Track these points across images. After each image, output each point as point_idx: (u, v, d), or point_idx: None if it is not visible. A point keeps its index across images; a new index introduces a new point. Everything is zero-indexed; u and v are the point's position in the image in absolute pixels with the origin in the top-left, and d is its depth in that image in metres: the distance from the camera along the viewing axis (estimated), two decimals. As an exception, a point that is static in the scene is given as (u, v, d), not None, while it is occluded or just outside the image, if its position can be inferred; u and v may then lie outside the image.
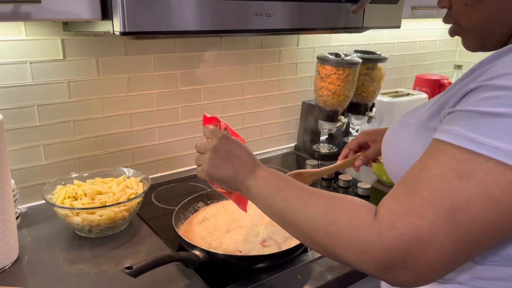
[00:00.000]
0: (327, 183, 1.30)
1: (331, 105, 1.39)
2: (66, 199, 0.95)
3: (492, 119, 0.44)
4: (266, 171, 0.65)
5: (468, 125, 0.46)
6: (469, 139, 0.45)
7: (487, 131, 0.44)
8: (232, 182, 0.66)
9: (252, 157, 0.68)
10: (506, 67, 0.46)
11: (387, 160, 0.68)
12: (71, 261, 0.89)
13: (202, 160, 0.68)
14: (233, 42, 1.33)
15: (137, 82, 1.19)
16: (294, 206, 0.57)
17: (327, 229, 0.52)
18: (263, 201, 0.62)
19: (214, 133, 0.70)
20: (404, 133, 0.64)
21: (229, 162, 0.66)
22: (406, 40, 1.84)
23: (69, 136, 1.13)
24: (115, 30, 0.74)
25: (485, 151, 0.44)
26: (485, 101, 0.46)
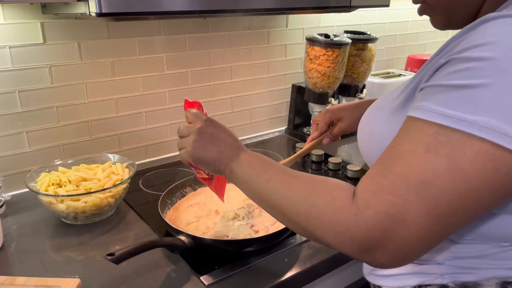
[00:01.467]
0: (317, 166, 1.29)
1: (321, 87, 1.37)
2: (50, 186, 0.93)
3: (460, 91, 0.44)
4: (250, 154, 0.65)
5: (437, 99, 0.46)
6: (437, 113, 0.45)
7: (455, 104, 0.44)
8: (216, 164, 0.65)
9: (236, 141, 0.67)
10: (474, 40, 0.45)
11: (363, 146, 0.67)
12: (57, 248, 0.88)
13: (185, 143, 0.68)
14: (220, 24, 1.30)
15: (122, 66, 1.17)
16: (276, 188, 0.57)
17: (307, 211, 0.52)
18: (246, 183, 0.62)
19: (198, 116, 0.69)
20: (377, 117, 0.63)
21: (214, 144, 0.65)
22: (398, 20, 1.81)
23: (52, 122, 1.10)
24: (91, 11, 0.72)
25: (452, 124, 0.43)
26: (454, 74, 0.45)
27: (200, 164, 0.67)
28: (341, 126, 0.97)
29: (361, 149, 0.69)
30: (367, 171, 0.51)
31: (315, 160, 1.30)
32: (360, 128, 0.69)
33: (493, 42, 0.43)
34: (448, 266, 0.57)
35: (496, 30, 0.44)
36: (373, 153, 0.63)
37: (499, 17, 0.45)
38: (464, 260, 0.56)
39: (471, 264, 0.56)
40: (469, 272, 0.56)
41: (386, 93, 0.68)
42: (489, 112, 0.42)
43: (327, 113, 0.98)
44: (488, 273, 0.55)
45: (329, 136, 0.98)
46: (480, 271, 0.56)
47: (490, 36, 0.44)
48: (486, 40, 0.44)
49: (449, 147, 0.43)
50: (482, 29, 0.46)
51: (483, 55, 0.43)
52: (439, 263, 0.57)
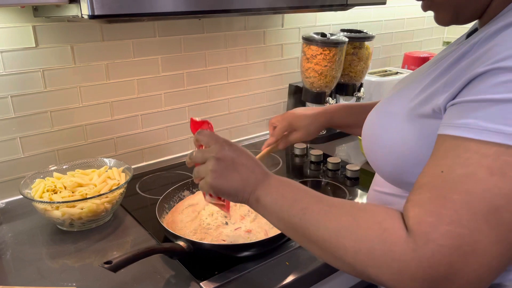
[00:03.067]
0: (316, 166, 1.28)
1: (318, 86, 1.36)
2: (45, 192, 0.92)
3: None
4: (277, 179, 0.59)
5: (487, 115, 0.42)
6: (493, 131, 0.41)
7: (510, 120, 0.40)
8: (240, 194, 0.58)
9: (259, 165, 0.61)
10: (508, 48, 0.42)
11: (371, 153, 0.64)
12: (54, 255, 0.86)
13: (203, 172, 0.60)
14: (215, 24, 1.28)
15: (116, 68, 1.15)
16: (314, 220, 0.51)
17: (356, 246, 0.46)
18: (276, 214, 0.56)
19: (213, 139, 0.61)
20: (388, 123, 0.59)
21: (236, 172, 0.58)
22: (394, 18, 1.80)
23: (46, 127, 1.09)
24: (83, 14, 0.70)
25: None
26: (501, 87, 0.41)
27: (222, 195, 0.60)
28: (296, 136, 0.94)
29: (368, 156, 0.66)
30: (411, 197, 0.46)
31: (313, 160, 1.29)
32: (366, 133, 0.66)
33: None
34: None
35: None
36: (382, 160, 0.60)
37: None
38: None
39: None
40: None
41: (390, 97, 0.65)
42: None
43: (284, 120, 0.94)
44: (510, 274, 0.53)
45: (284, 141, 0.95)
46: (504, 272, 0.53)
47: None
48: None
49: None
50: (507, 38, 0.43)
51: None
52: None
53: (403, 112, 0.57)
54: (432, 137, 0.52)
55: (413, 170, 0.57)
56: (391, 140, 0.58)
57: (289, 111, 0.97)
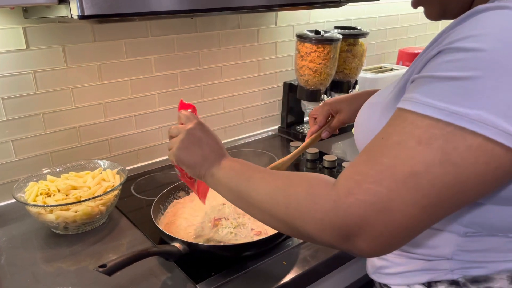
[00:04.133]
0: (312, 164, 1.27)
1: (313, 84, 1.35)
2: (39, 196, 0.91)
3: (450, 83, 0.43)
4: (232, 159, 0.66)
5: (427, 91, 0.45)
6: (428, 105, 0.44)
7: (446, 96, 0.43)
8: (197, 168, 0.66)
9: (222, 148, 0.68)
10: (466, 31, 0.44)
11: (360, 143, 0.66)
12: (48, 259, 0.86)
13: (173, 142, 0.68)
14: (208, 23, 1.27)
15: (109, 69, 1.14)
16: (256, 185, 0.57)
17: (286, 201, 0.52)
18: (226, 186, 0.62)
19: (190, 118, 0.70)
20: (372, 113, 0.62)
21: (200, 148, 0.66)
22: (388, 14, 1.80)
23: (39, 129, 1.07)
24: (72, 14, 0.69)
25: (445, 117, 0.42)
26: (444, 65, 0.44)
27: (182, 165, 0.68)
28: (339, 118, 0.95)
29: (358, 146, 0.67)
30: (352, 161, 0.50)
31: (310, 158, 1.28)
32: (356, 124, 0.68)
33: (484, 33, 0.43)
34: (457, 261, 0.56)
35: (487, 21, 0.44)
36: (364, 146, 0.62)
37: (490, 9, 0.45)
38: (473, 253, 0.55)
39: (480, 258, 0.55)
40: (479, 266, 0.55)
41: (381, 89, 0.66)
42: (480, 105, 0.41)
43: (325, 106, 0.96)
44: (498, 266, 0.54)
45: (328, 129, 0.97)
46: (491, 264, 0.55)
47: (481, 27, 0.43)
48: (477, 32, 0.43)
49: (442, 141, 0.43)
50: (474, 21, 0.45)
51: (474, 46, 0.43)
52: (448, 258, 0.56)
53: (385, 102, 0.59)
54: None
55: None
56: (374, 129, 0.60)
57: (326, 100, 0.98)
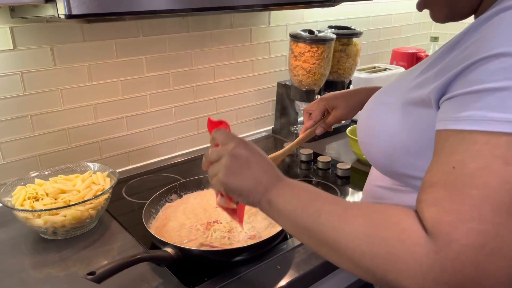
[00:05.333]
0: (306, 166, 1.26)
1: (307, 84, 1.34)
2: (26, 200, 0.88)
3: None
4: (291, 181, 0.57)
5: (490, 105, 0.40)
6: (499, 120, 0.39)
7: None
8: (251, 194, 0.56)
9: (273, 167, 0.59)
10: (503, 32, 0.41)
11: (366, 144, 0.63)
12: (37, 265, 0.83)
13: (216, 168, 0.58)
14: (200, 23, 1.26)
15: (99, 70, 1.12)
16: (329, 222, 0.48)
17: (374, 249, 0.44)
18: (289, 216, 0.53)
19: (229, 137, 0.60)
20: (384, 114, 0.59)
21: (249, 170, 0.56)
22: (381, 14, 1.79)
23: (27, 132, 1.05)
24: (59, 14, 0.67)
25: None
26: (497, 74, 0.40)
27: (233, 193, 0.58)
28: (336, 114, 0.91)
29: (362, 147, 0.65)
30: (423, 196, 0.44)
31: (304, 159, 1.27)
32: (361, 124, 0.65)
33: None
34: None
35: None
36: (378, 152, 0.59)
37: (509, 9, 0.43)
38: None
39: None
40: None
41: (386, 87, 0.64)
42: None
43: (321, 101, 0.93)
44: None
45: (322, 126, 0.93)
46: None
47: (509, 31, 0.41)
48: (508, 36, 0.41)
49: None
50: (506, 21, 0.42)
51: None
52: None
53: (396, 102, 0.56)
54: (420, 126, 0.52)
55: (404, 160, 0.57)
56: (383, 129, 0.58)
57: (322, 96, 0.95)
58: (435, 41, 1.83)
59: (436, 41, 1.82)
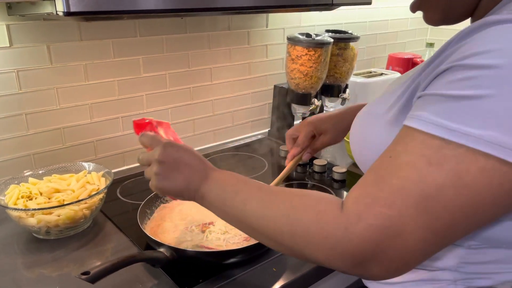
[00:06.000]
0: (302, 169, 1.26)
1: (304, 87, 1.34)
2: (20, 199, 0.87)
3: (461, 103, 0.41)
4: (219, 174, 0.60)
5: (437, 110, 0.43)
6: (439, 125, 0.42)
7: (457, 116, 0.41)
8: (185, 193, 0.60)
9: (202, 161, 0.62)
10: (476, 46, 0.43)
11: (358, 154, 0.64)
12: (29, 265, 0.82)
13: (149, 174, 0.62)
14: (198, 24, 1.25)
15: (96, 69, 1.11)
16: (254, 209, 0.53)
17: (292, 229, 0.49)
18: (220, 208, 0.58)
19: (154, 141, 0.63)
20: (373, 125, 0.60)
21: (179, 172, 0.60)
22: (378, 19, 1.80)
23: (22, 130, 1.04)
24: (58, 11, 0.66)
25: (456, 138, 0.41)
26: (455, 84, 0.43)
27: (169, 194, 0.63)
28: (324, 140, 0.89)
29: (356, 157, 0.65)
30: (358, 180, 0.47)
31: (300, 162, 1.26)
32: (353, 135, 0.65)
33: (495, 49, 0.41)
34: (461, 272, 0.54)
35: (498, 36, 0.42)
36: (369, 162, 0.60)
37: (501, 22, 0.43)
38: (478, 265, 0.53)
39: (485, 270, 0.53)
40: (483, 277, 0.54)
41: (378, 97, 0.64)
42: (494, 125, 0.40)
43: (308, 126, 0.89)
44: (503, 276, 0.53)
45: (309, 151, 0.90)
46: (496, 275, 0.54)
47: (492, 42, 0.42)
48: (488, 47, 0.42)
49: (454, 162, 0.41)
50: (485, 35, 0.43)
51: (484, 63, 0.41)
52: (451, 269, 0.55)
53: (388, 114, 0.57)
54: None
55: None
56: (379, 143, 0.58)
57: (307, 118, 0.91)
58: (431, 47, 1.84)
59: (432, 47, 1.84)
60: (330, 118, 0.89)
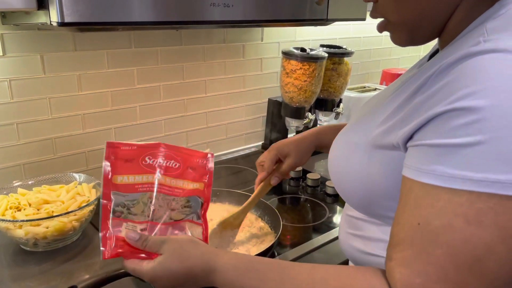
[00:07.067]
0: (295, 183, 1.25)
1: (298, 101, 1.34)
2: (8, 210, 0.86)
3: (477, 149, 0.39)
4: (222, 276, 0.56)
5: (453, 162, 0.41)
6: (461, 178, 0.40)
7: (479, 165, 0.39)
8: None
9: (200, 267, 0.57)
10: (466, 83, 0.41)
11: (340, 185, 0.63)
12: (16, 278, 0.80)
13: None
14: (193, 37, 1.26)
15: (89, 80, 1.10)
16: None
17: None
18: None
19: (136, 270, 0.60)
20: (353, 155, 0.58)
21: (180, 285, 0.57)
22: (372, 35, 1.82)
23: (12, 140, 1.03)
24: (52, 21, 0.66)
25: (485, 188, 0.39)
26: (461, 130, 0.40)
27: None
28: (289, 162, 0.89)
29: (336, 186, 0.64)
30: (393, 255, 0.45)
31: (293, 176, 1.26)
32: (332, 164, 0.64)
33: (486, 88, 0.40)
34: None
35: (484, 71, 0.41)
36: (350, 192, 0.59)
37: (482, 53, 0.42)
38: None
39: None
40: None
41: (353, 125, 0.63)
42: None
43: (271, 151, 0.89)
44: None
45: (277, 175, 0.89)
46: None
47: (482, 79, 0.40)
48: (479, 86, 0.40)
49: (492, 215, 0.39)
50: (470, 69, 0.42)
51: (483, 105, 0.39)
52: None
53: (365, 143, 0.56)
54: (396, 169, 0.51)
55: (382, 202, 0.56)
56: (357, 172, 0.57)
57: (272, 144, 0.92)
58: (424, 63, 1.86)
59: (425, 64, 1.85)
60: (292, 142, 0.90)
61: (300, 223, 1.04)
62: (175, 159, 0.63)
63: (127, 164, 0.61)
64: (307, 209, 1.12)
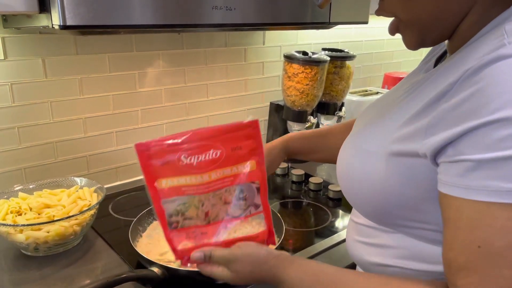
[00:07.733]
0: (297, 186, 1.25)
1: (300, 105, 1.34)
2: (9, 214, 0.85)
3: None
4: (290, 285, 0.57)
5: (504, 175, 0.39)
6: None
7: None
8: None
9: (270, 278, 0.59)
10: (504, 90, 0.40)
11: (351, 194, 0.61)
12: (16, 283, 0.80)
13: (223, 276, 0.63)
14: (195, 40, 1.26)
15: (91, 83, 1.10)
16: None
17: None
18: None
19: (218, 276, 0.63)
20: (367, 164, 0.56)
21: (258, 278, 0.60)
22: (374, 38, 1.82)
23: (13, 144, 1.02)
24: (54, 24, 0.66)
25: None
26: (505, 142, 0.39)
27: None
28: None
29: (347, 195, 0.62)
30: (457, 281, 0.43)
31: (295, 180, 1.26)
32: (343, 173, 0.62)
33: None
34: None
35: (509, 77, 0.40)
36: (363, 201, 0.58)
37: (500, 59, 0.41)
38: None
39: None
40: None
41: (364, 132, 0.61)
42: None
43: None
44: None
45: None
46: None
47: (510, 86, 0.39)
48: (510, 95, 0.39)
49: None
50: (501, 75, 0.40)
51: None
52: None
53: (380, 151, 0.54)
54: (416, 178, 0.50)
55: (397, 211, 0.55)
56: (372, 181, 0.55)
57: None
58: (426, 67, 1.85)
59: (427, 67, 1.85)
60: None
61: (303, 227, 1.03)
62: (213, 146, 0.55)
63: (164, 167, 0.55)
64: (309, 213, 1.11)
